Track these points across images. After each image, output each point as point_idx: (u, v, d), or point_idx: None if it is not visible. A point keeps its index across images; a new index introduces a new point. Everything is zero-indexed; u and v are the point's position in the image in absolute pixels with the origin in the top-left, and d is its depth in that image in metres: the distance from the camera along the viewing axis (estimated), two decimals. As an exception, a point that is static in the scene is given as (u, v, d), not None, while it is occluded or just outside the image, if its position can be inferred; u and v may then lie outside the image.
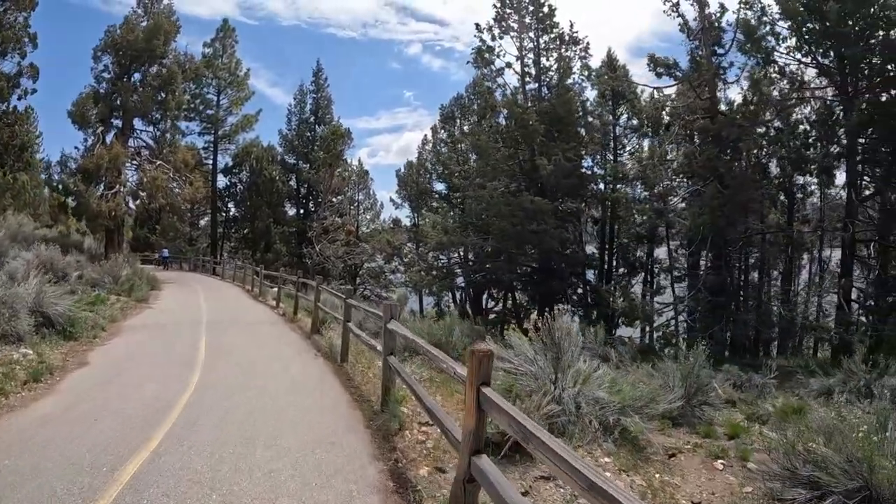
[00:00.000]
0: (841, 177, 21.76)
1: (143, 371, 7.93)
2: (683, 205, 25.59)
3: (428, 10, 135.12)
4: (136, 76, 27.99)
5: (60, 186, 24.53)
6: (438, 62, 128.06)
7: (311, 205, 46.24)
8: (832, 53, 20.05)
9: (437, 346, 7.69)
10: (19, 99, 28.86)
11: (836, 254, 23.32)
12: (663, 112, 25.52)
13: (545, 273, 25.91)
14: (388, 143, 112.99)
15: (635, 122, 29.54)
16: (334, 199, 43.27)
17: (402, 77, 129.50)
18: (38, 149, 28.33)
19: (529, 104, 26.77)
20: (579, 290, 29.05)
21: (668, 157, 24.70)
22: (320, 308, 12.30)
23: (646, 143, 30.71)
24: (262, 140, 44.53)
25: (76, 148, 26.86)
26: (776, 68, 21.76)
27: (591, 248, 31.97)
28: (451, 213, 27.80)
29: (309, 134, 44.88)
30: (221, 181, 43.33)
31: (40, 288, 10.11)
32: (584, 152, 27.94)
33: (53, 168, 25.72)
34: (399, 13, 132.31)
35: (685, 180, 26.58)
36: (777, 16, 21.16)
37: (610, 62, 32.25)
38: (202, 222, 45.47)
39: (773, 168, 25.08)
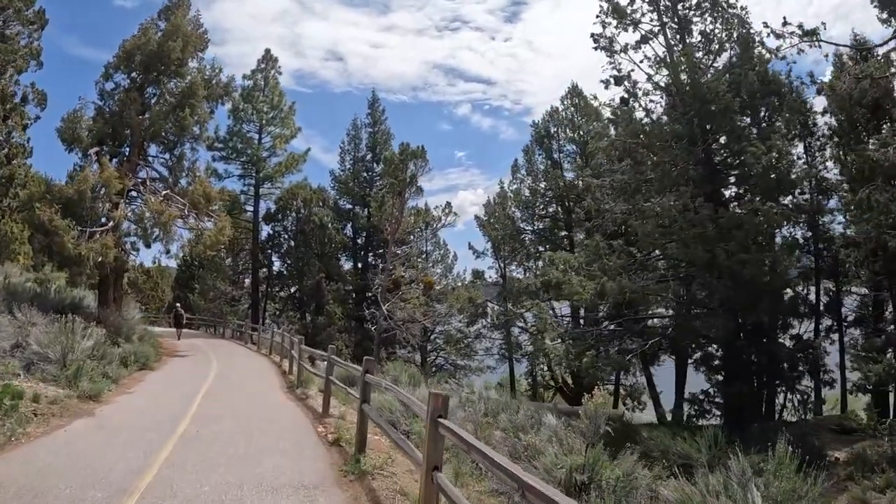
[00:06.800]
0: None
1: None
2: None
3: (475, 71, 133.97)
4: (150, 90, 22.31)
5: (36, 223, 18.30)
6: (488, 121, 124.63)
7: (370, 257, 39.02)
8: None
9: None
10: (25, 129, 24.44)
11: None
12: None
13: (751, 328, 16.63)
14: (441, 203, 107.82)
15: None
16: (398, 252, 35.53)
17: (452, 137, 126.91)
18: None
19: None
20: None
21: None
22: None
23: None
24: (310, 183, 38.10)
25: (71, 178, 20.77)
26: None
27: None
28: (608, 247, 18.61)
29: (366, 174, 38.28)
30: (264, 231, 36.85)
31: None
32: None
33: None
34: (447, 75, 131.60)
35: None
36: None
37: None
38: (247, 281, 38.85)
39: None
